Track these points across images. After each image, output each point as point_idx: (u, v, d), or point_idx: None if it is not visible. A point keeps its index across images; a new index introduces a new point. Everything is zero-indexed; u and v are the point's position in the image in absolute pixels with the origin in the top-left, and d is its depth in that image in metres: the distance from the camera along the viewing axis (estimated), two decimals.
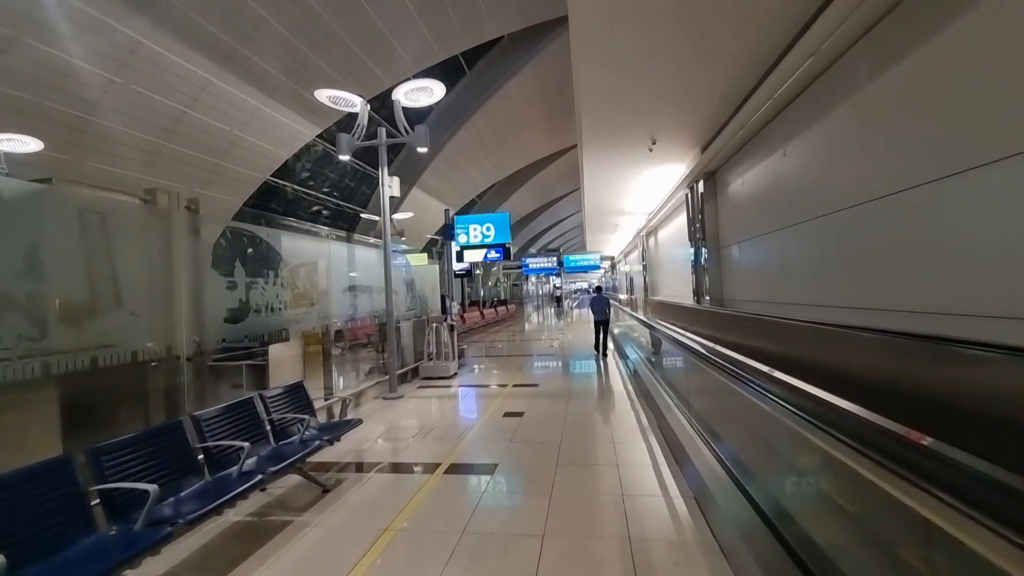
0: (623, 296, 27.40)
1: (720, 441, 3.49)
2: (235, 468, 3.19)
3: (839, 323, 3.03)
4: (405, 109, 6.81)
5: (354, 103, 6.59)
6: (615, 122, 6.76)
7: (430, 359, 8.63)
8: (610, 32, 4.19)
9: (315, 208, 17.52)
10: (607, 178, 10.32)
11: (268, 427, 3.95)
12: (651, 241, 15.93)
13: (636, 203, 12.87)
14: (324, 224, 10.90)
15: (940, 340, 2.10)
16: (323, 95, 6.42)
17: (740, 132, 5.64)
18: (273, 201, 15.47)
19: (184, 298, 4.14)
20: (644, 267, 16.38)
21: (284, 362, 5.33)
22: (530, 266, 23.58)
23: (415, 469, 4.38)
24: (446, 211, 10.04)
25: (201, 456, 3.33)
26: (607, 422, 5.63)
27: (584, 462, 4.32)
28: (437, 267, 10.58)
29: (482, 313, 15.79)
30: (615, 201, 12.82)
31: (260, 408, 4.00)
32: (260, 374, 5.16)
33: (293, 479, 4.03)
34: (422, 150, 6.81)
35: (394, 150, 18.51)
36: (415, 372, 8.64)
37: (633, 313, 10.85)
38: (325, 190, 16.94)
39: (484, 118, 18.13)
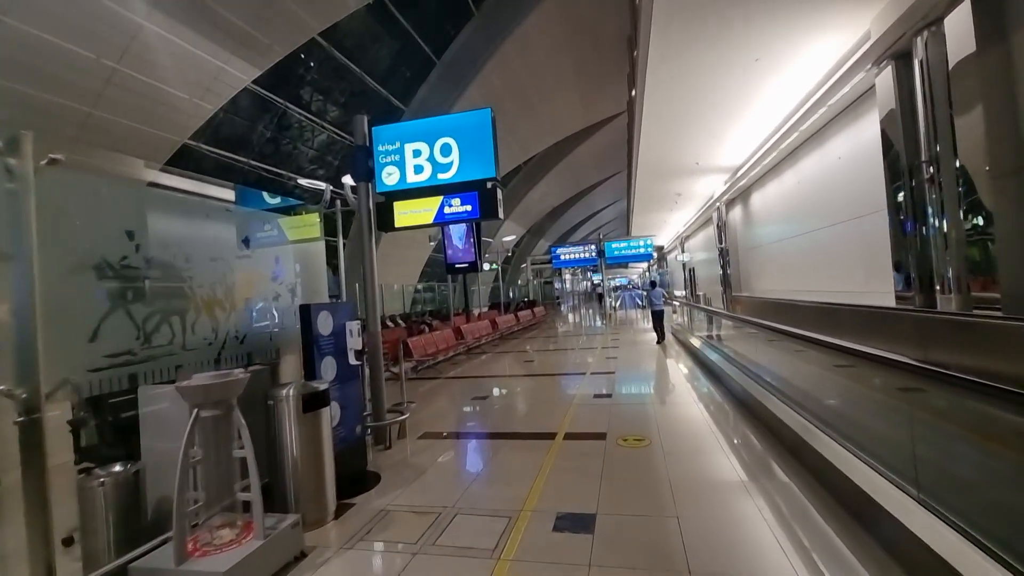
0: (679, 292, 22.62)
1: None
2: None
3: None
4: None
5: None
6: None
7: (203, 532, 2.15)
8: None
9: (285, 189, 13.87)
10: (687, 90, 5.98)
11: None
12: (736, 213, 11.33)
13: (728, 145, 8.40)
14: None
15: None
16: None
17: None
18: (226, 178, 11.88)
19: None
20: (722, 251, 11.78)
21: None
22: (562, 257, 19.02)
23: None
24: (357, 119, 4.05)
25: None
26: None
27: None
28: (319, 243, 4.14)
29: (494, 322, 11.34)
30: (689, 145, 8.40)
31: None
32: None
33: None
34: None
35: (392, 116, 14.69)
36: None
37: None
38: (298, 166, 13.28)
39: (499, 71, 14.07)
